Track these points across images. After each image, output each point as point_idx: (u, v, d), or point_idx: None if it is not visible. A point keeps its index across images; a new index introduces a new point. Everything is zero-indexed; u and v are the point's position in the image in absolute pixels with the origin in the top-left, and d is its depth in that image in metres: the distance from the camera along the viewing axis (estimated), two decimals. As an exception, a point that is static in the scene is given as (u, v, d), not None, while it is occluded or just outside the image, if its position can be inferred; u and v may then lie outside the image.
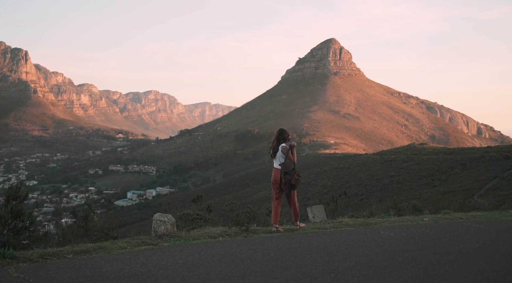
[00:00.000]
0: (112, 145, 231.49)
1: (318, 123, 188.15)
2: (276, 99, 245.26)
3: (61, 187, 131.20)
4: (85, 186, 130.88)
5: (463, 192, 31.19)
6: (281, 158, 8.35)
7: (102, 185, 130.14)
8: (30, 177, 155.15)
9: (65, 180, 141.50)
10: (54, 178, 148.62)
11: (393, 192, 42.43)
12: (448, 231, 8.52)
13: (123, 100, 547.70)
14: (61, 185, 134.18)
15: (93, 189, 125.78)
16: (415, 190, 40.39)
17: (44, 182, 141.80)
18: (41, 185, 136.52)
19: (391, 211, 12.55)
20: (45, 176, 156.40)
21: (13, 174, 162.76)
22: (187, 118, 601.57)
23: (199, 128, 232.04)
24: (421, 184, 43.35)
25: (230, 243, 6.89)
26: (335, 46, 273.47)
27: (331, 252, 6.29)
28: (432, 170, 49.18)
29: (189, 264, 5.45)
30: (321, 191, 50.57)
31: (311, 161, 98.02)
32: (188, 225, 9.36)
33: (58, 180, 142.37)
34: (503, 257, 6.50)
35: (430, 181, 43.47)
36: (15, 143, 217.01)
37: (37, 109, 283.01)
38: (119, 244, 6.72)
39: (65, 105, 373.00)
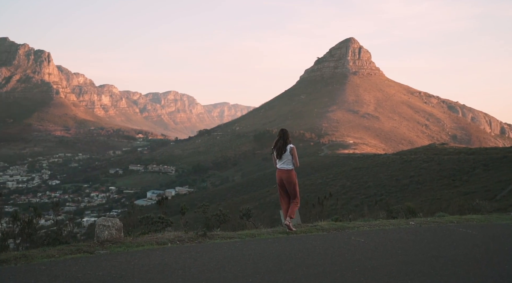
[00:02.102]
0: (132, 145, 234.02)
1: (337, 123, 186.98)
2: (295, 99, 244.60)
3: (82, 186, 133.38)
4: (106, 185, 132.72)
5: (485, 192, 30.64)
6: (288, 160, 8.32)
7: (123, 185, 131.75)
8: (52, 177, 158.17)
9: (87, 179, 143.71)
10: (76, 177, 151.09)
11: (413, 192, 41.95)
12: (428, 236, 8.14)
13: (143, 101, 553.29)
14: (82, 184, 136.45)
15: (114, 188, 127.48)
16: (435, 190, 39.81)
17: (66, 182, 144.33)
18: (63, 184, 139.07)
19: (381, 214, 12.24)
20: (67, 175, 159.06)
21: (37, 174, 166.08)
22: (206, 118, 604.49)
23: (218, 128, 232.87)
24: (442, 184, 42.70)
25: (174, 250, 6.58)
26: (354, 46, 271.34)
27: (281, 261, 5.98)
28: (453, 170, 48.40)
29: (113, 275, 5.18)
30: (340, 191, 50.26)
31: (330, 161, 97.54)
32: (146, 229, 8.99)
33: (79, 180, 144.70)
34: (477, 268, 6.03)
35: (451, 181, 42.79)
36: (38, 143, 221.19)
37: (59, 110, 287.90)
38: (49, 252, 6.35)
39: (87, 106, 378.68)
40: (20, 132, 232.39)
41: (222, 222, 10.51)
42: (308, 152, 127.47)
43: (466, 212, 12.88)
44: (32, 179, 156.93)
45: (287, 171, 8.33)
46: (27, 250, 6.65)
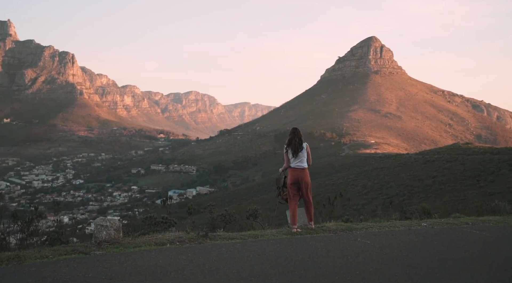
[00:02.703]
0: (154, 145, 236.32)
1: (358, 122, 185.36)
2: (316, 98, 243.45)
3: (105, 185, 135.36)
4: (128, 185, 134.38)
5: (510, 193, 29.93)
6: (303, 158, 8.23)
7: (144, 184, 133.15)
8: (76, 176, 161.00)
9: (109, 179, 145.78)
10: (99, 177, 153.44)
11: (436, 192, 41.27)
12: (438, 238, 7.84)
13: (165, 101, 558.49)
14: (105, 184, 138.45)
15: (136, 188, 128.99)
16: (459, 191, 39.07)
17: (90, 181, 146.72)
18: (86, 184, 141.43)
19: (394, 215, 11.91)
20: (90, 175, 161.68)
21: (61, 173, 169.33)
22: (227, 118, 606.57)
23: (239, 128, 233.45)
24: (466, 185, 41.86)
25: (170, 251, 6.47)
26: (376, 44, 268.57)
27: (279, 263, 5.84)
28: (478, 170, 47.38)
29: (102, 277, 5.09)
30: (361, 191, 49.82)
31: (351, 161, 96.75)
32: (149, 230, 8.86)
33: (102, 179, 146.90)
34: (485, 272, 5.76)
35: (476, 182, 41.89)
36: (62, 143, 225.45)
37: (83, 110, 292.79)
38: (44, 252, 6.26)
39: (109, 106, 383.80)
40: (45, 133, 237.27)
41: (228, 223, 10.37)
42: (329, 151, 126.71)
43: (484, 213, 12.45)
44: (56, 178, 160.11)
45: (303, 169, 8.22)
46: (22, 251, 6.57)
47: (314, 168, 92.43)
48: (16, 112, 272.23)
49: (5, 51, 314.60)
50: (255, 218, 10.64)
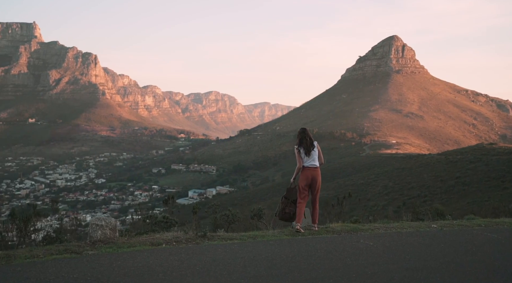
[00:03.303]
0: (175, 145, 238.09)
1: (380, 122, 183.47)
2: (336, 98, 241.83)
3: (126, 185, 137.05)
4: (149, 184, 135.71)
5: (537, 194, 29.21)
6: (316, 156, 8.16)
7: (165, 184, 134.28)
8: (98, 175, 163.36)
9: (131, 178, 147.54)
10: (120, 176, 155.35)
11: (459, 194, 40.58)
12: (445, 240, 7.60)
13: (185, 101, 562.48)
14: (126, 183, 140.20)
15: (157, 187, 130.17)
16: (483, 192, 38.33)
17: (111, 180, 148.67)
18: (108, 183, 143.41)
19: (405, 216, 11.62)
20: (112, 174, 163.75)
21: (84, 172, 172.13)
22: (247, 118, 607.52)
23: (258, 128, 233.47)
24: (490, 186, 41.01)
25: (163, 252, 6.38)
26: (398, 43, 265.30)
27: (273, 265, 5.71)
28: (503, 171, 46.34)
29: (87, 278, 5.04)
30: (382, 191, 49.31)
31: (372, 161, 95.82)
32: (149, 229, 8.75)
33: (124, 178, 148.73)
34: (490, 276, 5.50)
35: (500, 183, 41.02)
36: (85, 142, 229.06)
37: (105, 110, 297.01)
38: (35, 251, 6.19)
39: (131, 106, 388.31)
40: (68, 133, 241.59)
41: (231, 223, 10.27)
42: (349, 151, 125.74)
43: (501, 214, 12.10)
44: (79, 177, 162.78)
45: (316, 168, 8.18)
46: (14, 250, 6.50)
47: (334, 168, 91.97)
48: (40, 113, 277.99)
49: (31, 53, 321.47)
50: (260, 218, 10.55)
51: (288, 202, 8.23)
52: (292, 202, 8.21)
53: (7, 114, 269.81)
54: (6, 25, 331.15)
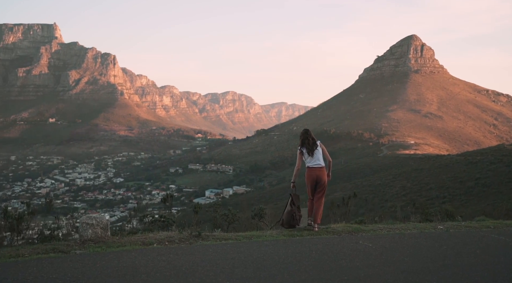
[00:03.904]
0: (192, 145, 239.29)
1: (398, 123, 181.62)
2: (353, 98, 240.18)
3: (144, 184, 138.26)
4: (166, 183, 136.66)
5: (559, 197, 28.56)
6: (320, 156, 8.12)
7: (182, 183, 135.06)
8: (117, 175, 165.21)
9: (148, 177, 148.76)
10: (138, 175, 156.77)
11: (479, 195, 39.91)
12: (449, 242, 7.39)
13: (202, 101, 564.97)
14: (144, 182, 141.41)
15: (174, 186, 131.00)
16: (504, 193, 37.62)
17: (129, 179, 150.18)
18: (126, 182, 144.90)
19: (413, 217, 11.35)
20: (130, 173, 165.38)
21: (102, 171, 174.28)
22: (264, 118, 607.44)
23: (275, 128, 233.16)
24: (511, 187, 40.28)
25: (152, 252, 6.27)
26: (416, 43, 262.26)
27: (263, 267, 5.59)
28: (525, 172, 45.49)
29: (66, 279, 4.93)
30: (399, 192, 48.80)
31: (389, 161, 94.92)
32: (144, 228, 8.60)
33: (141, 178, 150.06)
34: (490, 280, 5.28)
35: (522, 184, 40.27)
36: (104, 142, 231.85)
37: (123, 110, 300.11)
38: (21, 251, 6.11)
39: (149, 106, 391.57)
40: (87, 132, 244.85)
41: (231, 222, 10.16)
42: (367, 152, 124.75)
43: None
44: (98, 176, 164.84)
45: (321, 168, 8.14)
46: (1, 249, 6.45)
47: (352, 169, 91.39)
48: (60, 112, 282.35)
49: (51, 53, 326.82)
50: (260, 218, 10.47)
51: (295, 210, 8.11)
52: (297, 208, 8.13)
53: (28, 114, 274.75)
54: (28, 26, 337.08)
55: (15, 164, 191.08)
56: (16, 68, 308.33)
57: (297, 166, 8.36)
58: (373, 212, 17.35)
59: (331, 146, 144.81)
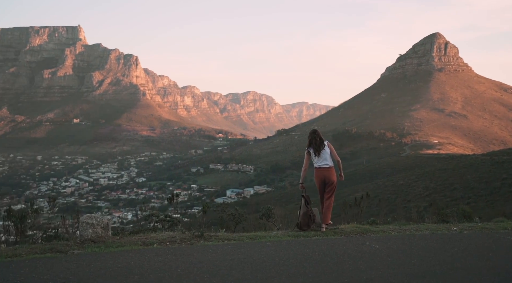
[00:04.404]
0: (213, 144, 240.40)
1: (421, 122, 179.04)
2: (375, 98, 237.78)
3: (166, 184, 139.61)
4: (188, 183, 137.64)
5: None
6: (327, 156, 8.02)
7: (203, 183, 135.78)
8: (139, 174, 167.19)
9: (170, 177, 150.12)
10: (160, 175, 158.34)
11: (505, 196, 39.03)
12: (460, 244, 7.10)
13: (223, 101, 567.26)
14: (166, 182, 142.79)
15: (195, 186, 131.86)
16: (531, 195, 36.76)
17: (152, 179, 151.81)
18: (149, 182, 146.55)
19: (428, 218, 11.03)
20: (152, 173, 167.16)
21: (125, 171, 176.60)
22: (285, 118, 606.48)
23: (296, 128, 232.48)
24: (540, 188, 39.28)
25: (150, 252, 6.16)
26: (440, 41, 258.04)
27: (261, 269, 5.43)
28: (553, 172, 44.31)
29: (56, 279, 4.86)
30: (423, 193, 48.11)
31: (412, 161, 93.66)
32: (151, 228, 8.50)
33: (163, 177, 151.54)
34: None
35: (551, 185, 39.22)
36: (126, 142, 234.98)
37: (145, 110, 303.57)
38: (18, 250, 6.04)
39: (170, 106, 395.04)
40: (111, 132, 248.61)
41: (238, 222, 10.03)
42: (389, 152, 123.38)
43: None
44: (121, 176, 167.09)
45: (329, 168, 8.06)
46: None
47: (373, 169, 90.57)
48: (84, 113, 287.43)
49: (76, 55, 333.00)
50: (268, 218, 10.34)
51: (311, 210, 8.09)
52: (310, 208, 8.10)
53: (54, 115, 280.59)
54: (53, 29, 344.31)
55: (41, 164, 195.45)
56: (42, 70, 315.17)
57: (304, 166, 8.37)
58: (395, 213, 17.12)
59: (352, 146, 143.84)
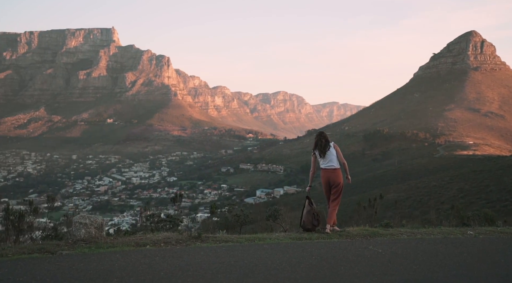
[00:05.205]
0: (243, 144, 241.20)
1: (455, 122, 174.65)
2: (408, 97, 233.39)
3: (197, 183, 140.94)
4: (218, 183, 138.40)
5: None
6: (333, 157, 7.96)
7: (233, 183, 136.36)
8: (170, 174, 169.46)
9: (200, 177, 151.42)
10: (191, 175, 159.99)
11: (544, 199, 37.68)
12: (472, 249, 6.72)
13: (253, 101, 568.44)
14: (197, 181, 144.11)
15: (225, 186, 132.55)
16: None
17: (182, 178, 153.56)
18: (179, 181, 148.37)
19: (446, 222, 10.60)
20: (183, 172, 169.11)
21: (157, 170, 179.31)
22: (315, 118, 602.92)
23: (326, 128, 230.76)
24: None
25: (139, 254, 5.98)
26: (476, 39, 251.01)
27: (249, 273, 5.18)
28: None
29: (32, 282, 4.72)
30: (457, 195, 46.91)
31: (446, 162, 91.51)
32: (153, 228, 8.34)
33: (194, 177, 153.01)
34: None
35: None
36: (158, 141, 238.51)
37: (177, 111, 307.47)
38: (5, 251, 5.92)
39: (201, 106, 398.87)
40: (143, 132, 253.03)
41: (243, 223, 9.85)
42: (421, 152, 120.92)
43: None
44: (153, 175, 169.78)
45: (334, 169, 8.01)
46: None
47: (405, 170, 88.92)
48: (118, 113, 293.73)
49: (109, 56, 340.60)
50: (275, 219, 10.18)
51: (315, 209, 8.08)
52: (315, 209, 8.10)
53: (88, 115, 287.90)
54: (88, 30, 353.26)
55: (76, 163, 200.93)
56: (78, 71, 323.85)
57: (311, 170, 8.42)
58: (427, 215, 16.74)
59: (384, 146, 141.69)
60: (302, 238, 7.49)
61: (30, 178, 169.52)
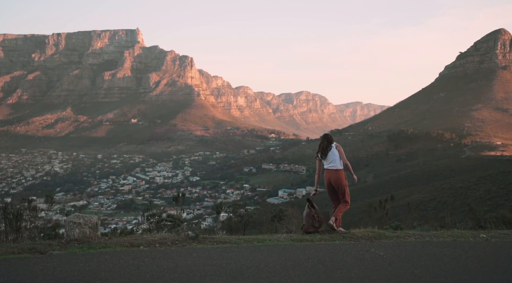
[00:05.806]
0: (265, 144, 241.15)
1: (482, 122, 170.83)
2: (433, 97, 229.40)
3: (219, 183, 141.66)
4: (240, 183, 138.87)
5: None
6: (335, 158, 7.87)
7: (256, 183, 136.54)
8: (193, 173, 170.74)
9: (223, 176, 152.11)
10: (214, 174, 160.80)
11: None
12: (481, 253, 6.40)
13: (276, 101, 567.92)
14: (219, 181, 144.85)
15: (248, 186, 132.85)
16: None
17: (205, 178, 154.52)
18: (202, 181, 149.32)
19: (460, 224, 10.28)
20: (205, 172, 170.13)
21: (180, 170, 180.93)
22: (338, 118, 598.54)
23: (350, 128, 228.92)
24: None
25: (129, 255, 5.85)
26: (505, 37, 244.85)
27: (238, 276, 5.02)
28: None
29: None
30: (484, 196, 45.83)
31: (473, 163, 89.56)
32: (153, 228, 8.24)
33: (216, 177, 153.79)
34: None
35: None
36: (181, 141, 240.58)
37: (199, 111, 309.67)
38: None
39: (224, 106, 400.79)
40: (166, 132, 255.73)
41: (246, 224, 9.68)
42: (447, 153, 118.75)
43: None
44: (176, 175, 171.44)
45: (336, 170, 7.94)
46: None
47: (430, 170, 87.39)
48: (142, 113, 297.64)
49: (134, 57, 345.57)
50: (280, 220, 10.04)
51: (315, 212, 8.01)
52: (316, 211, 8.05)
53: (113, 115, 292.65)
54: (113, 32, 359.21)
55: (101, 162, 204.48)
56: (103, 72, 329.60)
57: (317, 173, 8.36)
58: (453, 216, 16.41)
59: (408, 147, 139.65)
60: (303, 239, 7.35)
61: (57, 176, 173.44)
